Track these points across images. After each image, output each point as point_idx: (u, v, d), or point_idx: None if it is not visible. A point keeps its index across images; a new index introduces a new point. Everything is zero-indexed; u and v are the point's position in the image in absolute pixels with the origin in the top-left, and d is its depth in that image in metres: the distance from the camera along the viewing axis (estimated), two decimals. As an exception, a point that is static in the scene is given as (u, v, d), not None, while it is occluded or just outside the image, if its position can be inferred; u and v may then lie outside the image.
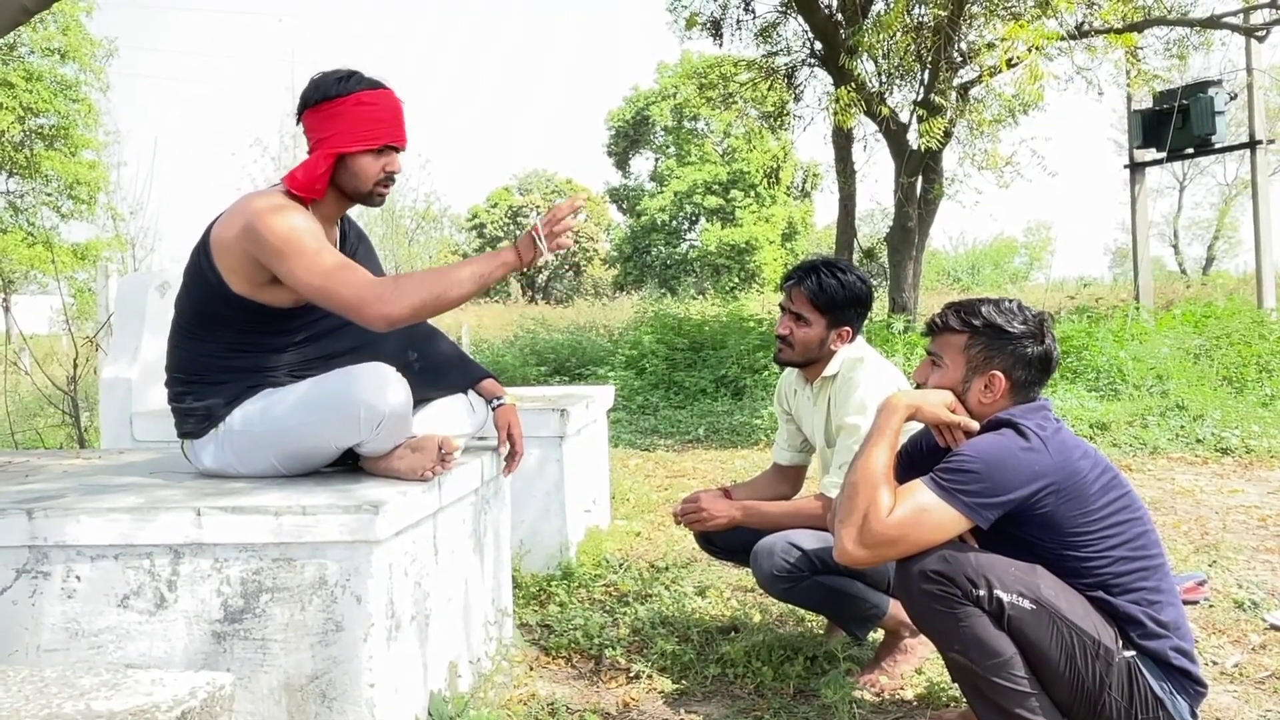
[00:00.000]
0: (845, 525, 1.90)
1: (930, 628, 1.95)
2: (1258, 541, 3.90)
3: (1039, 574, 1.88)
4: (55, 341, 10.55)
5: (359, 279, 2.02)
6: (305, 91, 2.20)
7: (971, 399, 2.00)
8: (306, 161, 2.19)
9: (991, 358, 1.98)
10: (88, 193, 23.08)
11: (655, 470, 5.91)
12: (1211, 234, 36.72)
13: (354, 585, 1.84)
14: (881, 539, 1.86)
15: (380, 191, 2.23)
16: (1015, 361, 1.97)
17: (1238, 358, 8.25)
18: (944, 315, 2.05)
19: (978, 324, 1.98)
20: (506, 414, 2.52)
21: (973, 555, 1.88)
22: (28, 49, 21.85)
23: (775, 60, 10.76)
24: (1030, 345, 1.97)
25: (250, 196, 2.17)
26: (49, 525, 1.85)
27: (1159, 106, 11.73)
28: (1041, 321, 2.00)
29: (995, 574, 1.85)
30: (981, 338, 1.98)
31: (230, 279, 2.12)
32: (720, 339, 9.83)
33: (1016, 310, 2.00)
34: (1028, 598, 1.83)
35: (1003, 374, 1.97)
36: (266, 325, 2.19)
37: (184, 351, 2.23)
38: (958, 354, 2.00)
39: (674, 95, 34.51)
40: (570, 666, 2.71)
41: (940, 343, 2.05)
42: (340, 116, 2.15)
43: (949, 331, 2.03)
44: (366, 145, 2.16)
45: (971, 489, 1.85)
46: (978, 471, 1.86)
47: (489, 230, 42.31)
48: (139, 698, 1.00)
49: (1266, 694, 2.45)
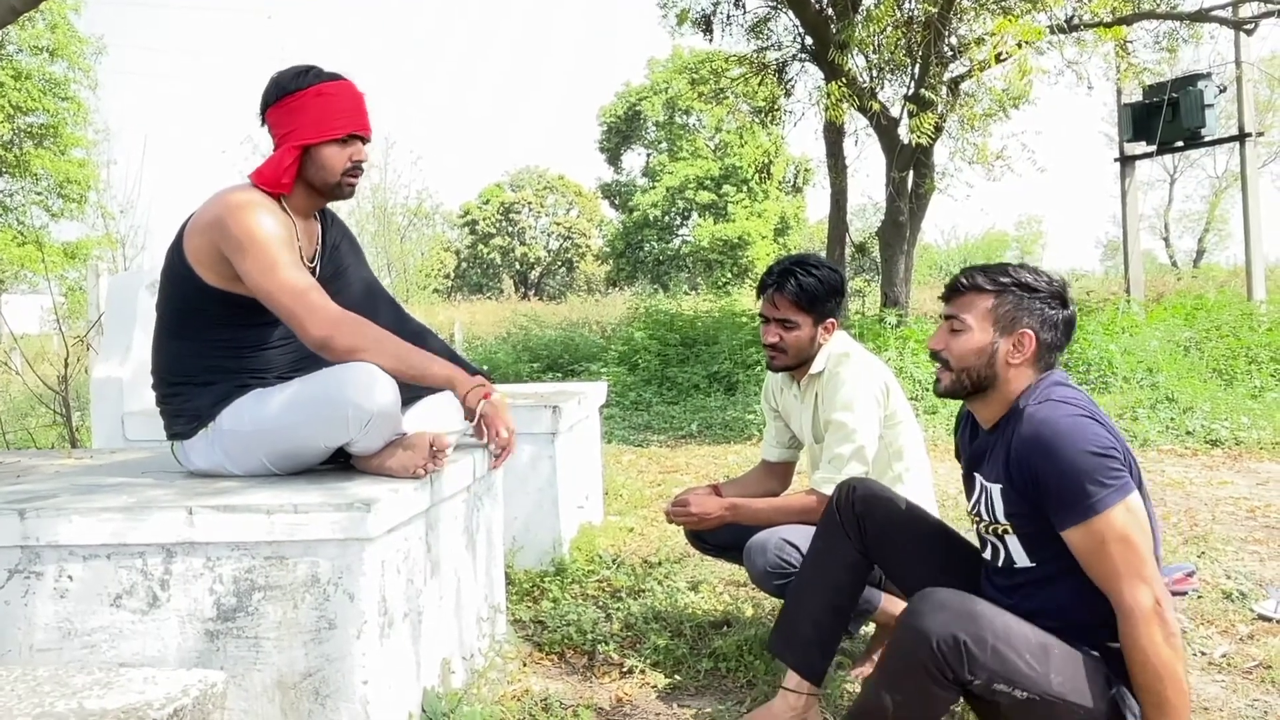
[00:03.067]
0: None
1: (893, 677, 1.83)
2: (1246, 533, 3.92)
3: (1050, 654, 1.77)
4: (46, 341, 10.52)
5: (297, 288, 2.06)
6: (265, 90, 2.21)
7: (999, 361, 1.93)
8: (272, 157, 2.20)
9: (1020, 317, 1.92)
10: (78, 191, 22.98)
11: (648, 466, 5.92)
12: (1202, 227, 36.84)
13: (346, 583, 1.85)
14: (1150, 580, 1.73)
15: (348, 182, 2.24)
16: (1043, 322, 1.93)
17: (1227, 350, 8.29)
18: (969, 275, 1.98)
19: (1006, 281, 1.94)
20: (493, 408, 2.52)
21: (994, 630, 1.75)
22: (16, 47, 21.74)
23: (766, 55, 10.76)
24: (1056, 307, 1.94)
25: (223, 191, 2.18)
26: (41, 525, 1.85)
27: (1149, 100, 11.78)
28: (1065, 285, 1.97)
29: (1006, 664, 1.73)
30: (1010, 296, 1.93)
31: (200, 270, 2.14)
32: (713, 335, 9.85)
33: (1040, 272, 1.97)
34: (1034, 693, 1.74)
35: (1033, 333, 1.92)
36: (244, 319, 2.19)
37: (168, 353, 2.24)
38: (984, 315, 1.94)
39: (666, 90, 34.53)
40: (564, 662, 2.72)
41: (962, 303, 1.97)
42: (302, 110, 2.16)
43: (975, 291, 1.96)
44: (330, 135, 2.18)
45: (1114, 469, 1.77)
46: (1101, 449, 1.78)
47: (481, 227, 42.27)
48: (132, 696, 1.00)
49: (1254, 683, 2.47)
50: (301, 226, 2.26)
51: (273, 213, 2.15)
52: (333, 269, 2.39)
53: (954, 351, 1.96)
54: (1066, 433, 1.80)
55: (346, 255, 2.44)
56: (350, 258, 2.45)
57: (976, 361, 1.94)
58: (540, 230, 44.14)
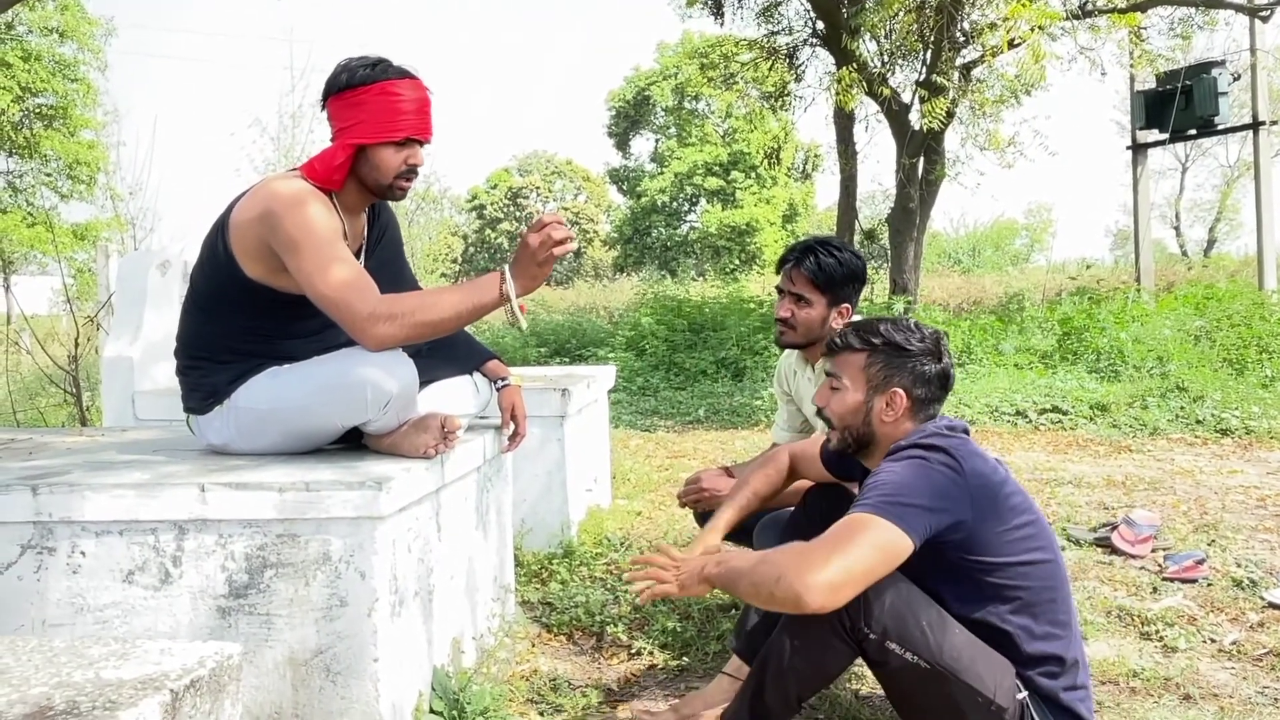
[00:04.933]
0: (785, 581, 1.71)
1: (796, 621, 1.83)
2: (1256, 521, 3.91)
3: (949, 628, 1.79)
4: (55, 322, 10.55)
5: (360, 297, 1.98)
6: (332, 76, 2.13)
7: (874, 418, 1.98)
8: (325, 151, 2.13)
9: (891, 375, 1.96)
10: (87, 173, 22.98)
11: (656, 451, 5.93)
12: (1213, 216, 36.63)
13: (358, 561, 1.85)
14: (829, 571, 1.69)
15: (401, 185, 2.16)
16: (915, 379, 1.96)
17: (1238, 339, 8.26)
18: (843, 335, 2.04)
19: (877, 342, 1.98)
20: (511, 395, 2.52)
21: (897, 590, 1.80)
22: (25, 28, 21.73)
23: (777, 40, 10.72)
24: (928, 363, 1.96)
25: (272, 181, 2.12)
26: (54, 501, 1.86)
27: (1162, 87, 11.69)
28: (938, 339, 2.00)
29: (903, 624, 1.77)
30: (880, 355, 1.97)
31: (244, 262, 2.08)
32: (720, 320, 9.83)
33: (914, 328, 2.00)
34: (924, 659, 1.76)
35: (903, 391, 1.95)
36: (280, 312, 2.14)
37: (195, 327, 2.20)
38: (858, 373, 1.99)
39: (675, 75, 34.38)
40: (572, 643, 2.73)
41: (840, 363, 2.02)
42: (363, 105, 2.08)
43: (849, 350, 2.01)
44: (388, 137, 2.10)
45: (904, 504, 1.76)
46: (904, 488, 1.78)
47: (489, 211, 42.23)
48: (148, 667, 1.00)
49: (1263, 670, 2.47)
50: (350, 223, 2.20)
51: (324, 207, 2.08)
52: (377, 263, 2.33)
53: (834, 410, 2.02)
54: (900, 462, 1.85)
55: (388, 248, 2.39)
56: (390, 250, 2.40)
57: (854, 420, 2.00)
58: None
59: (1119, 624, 2.80)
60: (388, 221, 2.40)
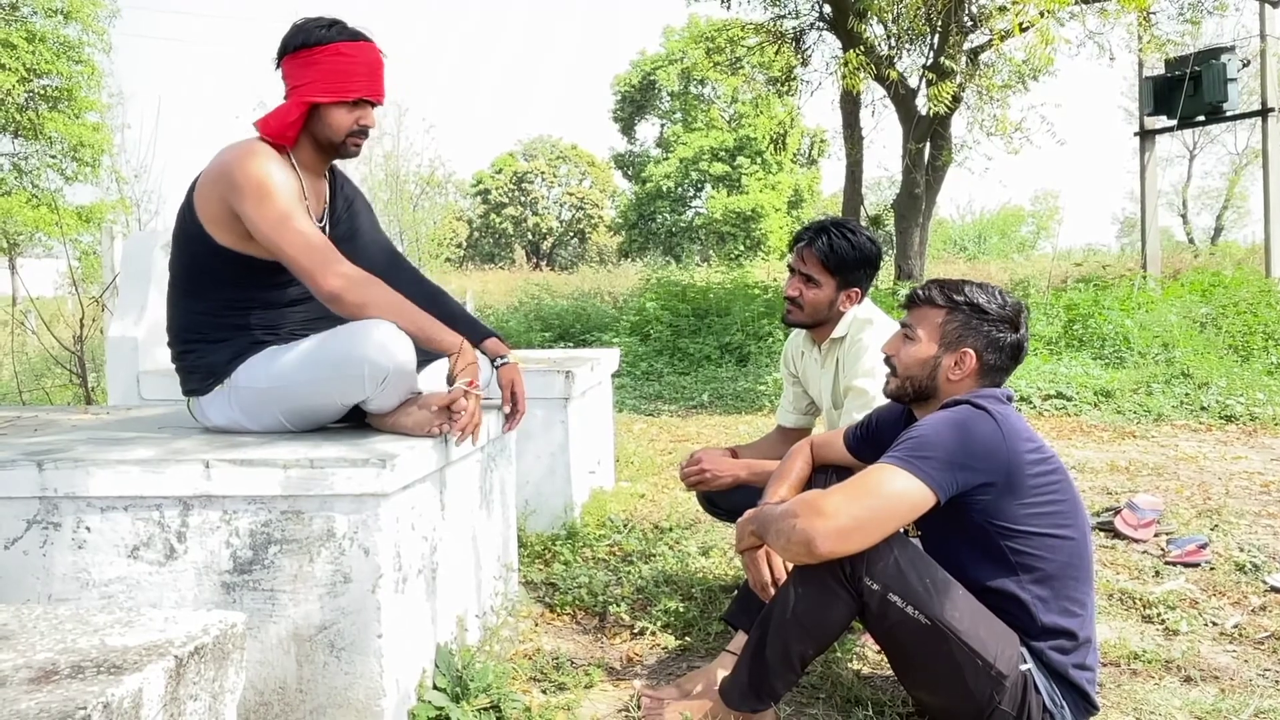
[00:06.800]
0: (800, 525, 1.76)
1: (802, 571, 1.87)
2: (1260, 507, 3.91)
3: (953, 590, 1.82)
4: (61, 304, 10.56)
5: (310, 241, 2.05)
6: (286, 36, 2.18)
7: (940, 375, 1.99)
8: (279, 108, 2.18)
9: (965, 335, 1.97)
10: (91, 155, 22.97)
11: (659, 435, 5.93)
12: (1220, 204, 36.47)
13: (362, 538, 1.86)
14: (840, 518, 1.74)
15: (354, 143, 2.22)
16: (988, 343, 1.97)
17: (1244, 326, 8.24)
18: (927, 288, 2.05)
19: (959, 299, 1.99)
20: (510, 373, 2.52)
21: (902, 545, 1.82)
22: (30, 9, 21.67)
23: (783, 24, 10.66)
24: (1004, 330, 1.97)
25: (229, 145, 2.17)
26: (59, 477, 1.87)
27: (1171, 73, 11.63)
28: (1019, 310, 2.00)
29: (905, 579, 1.79)
30: (959, 314, 1.98)
31: (212, 230, 2.12)
32: (725, 306, 9.82)
33: (997, 295, 2.01)
34: (925, 614, 1.78)
35: (975, 353, 1.97)
36: (258, 279, 2.18)
37: (182, 310, 2.23)
38: (933, 328, 2.00)
39: (681, 60, 34.22)
40: (575, 623, 2.74)
41: (917, 315, 2.04)
42: (316, 65, 2.14)
43: (929, 305, 2.03)
44: (340, 97, 2.15)
45: (931, 458, 1.79)
46: (936, 443, 1.81)
47: (493, 196, 42.17)
48: (153, 634, 1.01)
49: (1265, 654, 2.47)
50: (310, 183, 2.24)
51: (280, 164, 2.13)
52: (348, 229, 2.37)
53: (902, 359, 2.04)
54: (945, 414, 1.88)
55: (360, 216, 2.42)
56: (364, 219, 2.43)
57: (919, 371, 2.02)
58: (553, 200, 44.02)
59: (1121, 607, 2.80)
60: (353, 192, 2.44)
